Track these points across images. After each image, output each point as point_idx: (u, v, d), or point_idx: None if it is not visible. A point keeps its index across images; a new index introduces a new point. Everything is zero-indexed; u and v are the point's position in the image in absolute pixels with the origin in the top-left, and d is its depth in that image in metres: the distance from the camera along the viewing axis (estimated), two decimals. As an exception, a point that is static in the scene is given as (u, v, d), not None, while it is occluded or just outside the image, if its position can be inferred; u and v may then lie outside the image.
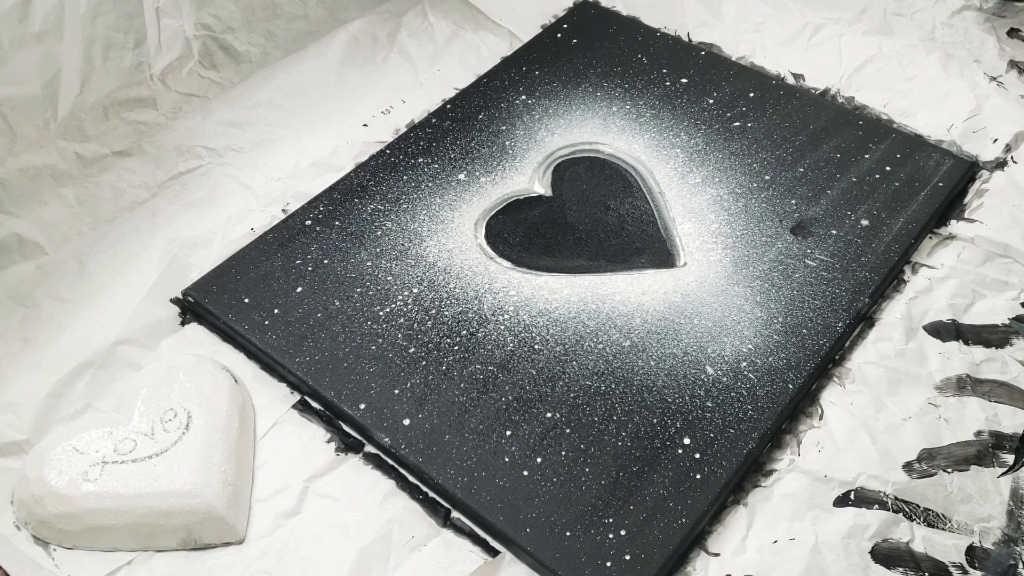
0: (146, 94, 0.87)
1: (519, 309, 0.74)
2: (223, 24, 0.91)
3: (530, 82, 0.93)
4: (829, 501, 0.64)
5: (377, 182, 0.84)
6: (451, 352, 0.71)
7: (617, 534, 0.62)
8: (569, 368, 0.70)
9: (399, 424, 0.67)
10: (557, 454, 0.66)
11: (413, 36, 1.00)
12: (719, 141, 0.87)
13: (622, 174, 0.85)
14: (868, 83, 0.94)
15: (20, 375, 0.70)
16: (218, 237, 0.81)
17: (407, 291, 0.75)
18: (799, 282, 0.76)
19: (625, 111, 0.91)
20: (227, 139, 0.89)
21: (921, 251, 0.79)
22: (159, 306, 0.76)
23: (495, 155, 0.86)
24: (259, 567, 0.62)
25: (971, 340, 0.73)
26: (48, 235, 0.79)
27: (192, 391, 0.66)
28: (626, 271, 0.77)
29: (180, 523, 0.61)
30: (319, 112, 0.92)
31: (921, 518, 0.64)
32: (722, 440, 0.66)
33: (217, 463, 0.63)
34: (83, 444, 0.63)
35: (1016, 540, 0.63)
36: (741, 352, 0.71)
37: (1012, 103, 0.90)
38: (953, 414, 0.69)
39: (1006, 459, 0.66)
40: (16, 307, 0.75)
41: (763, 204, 0.82)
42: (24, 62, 0.77)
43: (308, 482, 0.66)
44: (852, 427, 0.68)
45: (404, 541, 0.63)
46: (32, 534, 0.63)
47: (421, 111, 0.92)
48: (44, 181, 0.80)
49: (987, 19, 1.00)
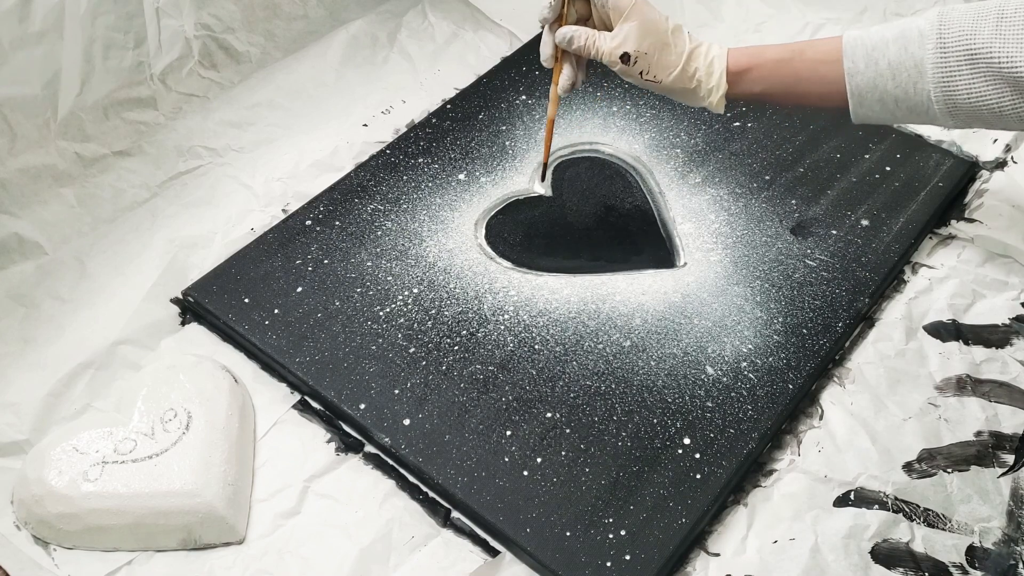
0: (146, 94, 0.87)
1: (519, 309, 0.74)
2: (223, 24, 0.91)
3: (530, 82, 0.93)
4: (829, 501, 0.64)
5: (377, 182, 0.84)
6: (451, 352, 0.71)
7: (617, 534, 0.62)
8: (569, 368, 0.70)
9: (399, 424, 0.67)
10: (557, 454, 0.66)
11: (413, 36, 1.00)
12: (719, 141, 0.87)
13: (622, 174, 0.85)
14: (868, 83, 0.93)
15: (20, 375, 0.70)
16: (218, 237, 0.81)
17: (407, 291, 0.75)
18: (799, 282, 0.76)
19: (625, 111, 0.91)
20: (227, 139, 0.89)
21: (921, 251, 0.79)
22: (159, 306, 0.76)
23: (495, 155, 0.86)
24: (259, 567, 0.62)
25: (971, 340, 0.73)
26: (48, 235, 0.79)
27: (192, 391, 0.66)
28: (626, 271, 0.77)
29: (180, 523, 0.61)
30: (319, 112, 0.92)
31: (921, 518, 0.64)
32: (722, 440, 0.66)
33: (217, 463, 0.63)
34: (83, 444, 0.63)
35: (1016, 540, 0.63)
36: (741, 352, 0.71)
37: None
38: (953, 414, 0.69)
39: (1006, 459, 0.66)
40: (16, 307, 0.74)
41: (763, 204, 0.82)
42: (24, 62, 0.77)
43: (308, 482, 0.66)
44: (852, 427, 0.68)
45: (404, 541, 0.63)
46: (32, 534, 0.63)
47: (421, 111, 0.92)
48: (44, 181, 0.80)
49: (987, 19, 1.00)
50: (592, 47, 0.72)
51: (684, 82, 0.71)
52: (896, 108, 0.67)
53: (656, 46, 0.70)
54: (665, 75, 0.71)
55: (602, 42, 0.71)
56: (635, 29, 0.70)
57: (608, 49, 0.71)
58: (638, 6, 0.70)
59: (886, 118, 0.68)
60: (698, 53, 0.71)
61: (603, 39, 0.71)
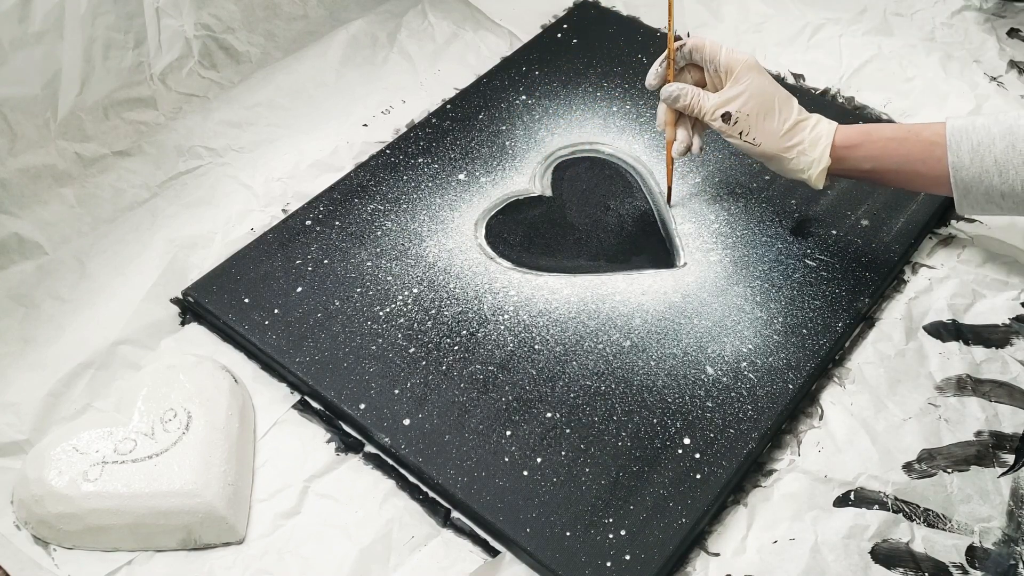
0: (146, 94, 0.87)
1: (519, 309, 0.74)
2: (223, 24, 0.91)
3: (530, 82, 0.94)
4: (829, 501, 0.64)
5: (377, 182, 0.84)
6: (451, 352, 0.71)
7: (617, 534, 0.62)
8: (569, 368, 0.70)
9: (399, 424, 0.67)
10: (557, 454, 0.66)
11: (413, 36, 1.00)
12: (719, 141, 0.87)
13: (622, 174, 0.85)
14: (868, 83, 0.94)
15: (20, 375, 0.70)
16: (218, 237, 0.81)
17: (407, 291, 0.75)
18: (799, 282, 0.76)
19: (625, 111, 0.91)
20: (227, 139, 0.89)
21: (921, 251, 0.79)
22: (159, 306, 0.76)
23: (495, 155, 0.86)
24: (259, 567, 0.62)
25: (971, 340, 0.73)
26: (48, 235, 0.79)
27: (192, 391, 0.66)
28: (626, 271, 0.77)
29: (180, 523, 0.61)
30: (319, 112, 0.92)
31: (921, 518, 0.64)
32: (722, 440, 0.66)
33: (217, 463, 0.63)
34: (83, 444, 0.63)
35: (1016, 540, 0.63)
36: (741, 352, 0.71)
37: (1012, 103, 0.90)
38: (953, 414, 0.69)
39: (1006, 459, 0.66)
40: (16, 307, 0.75)
41: (763, 204, 0.82)
42: (24, 62, 0.77)
43: (308, 482, 0.66)
44: (852, 427, 0.68)
45: (404, 541, 0.63)
46: (32, 534, 0.63)
47: (421, 111, 0.92)
48: (44, 181, 0.80)
49: (987, 19, 1.00)
50: (696, 105, 0.73)
51: (783, 150, 0.72)
52: (1002, 201, 0.68)
53: (760, 110, 0.71)
54: (765, 139, 0.72)
55: (706, 101, 0.73)
56: (741, 91, 0.71)
57: (711, 107, 0.73)
58: (749, 70, 0.72)
59: (991, 210, 0.69)
60: (805, 124, 0.72)
61: (708, 98, 0.73)
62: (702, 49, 0.74)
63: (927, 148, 0.69)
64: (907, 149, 0.70)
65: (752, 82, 0.72)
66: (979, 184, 0.67)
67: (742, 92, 0.71)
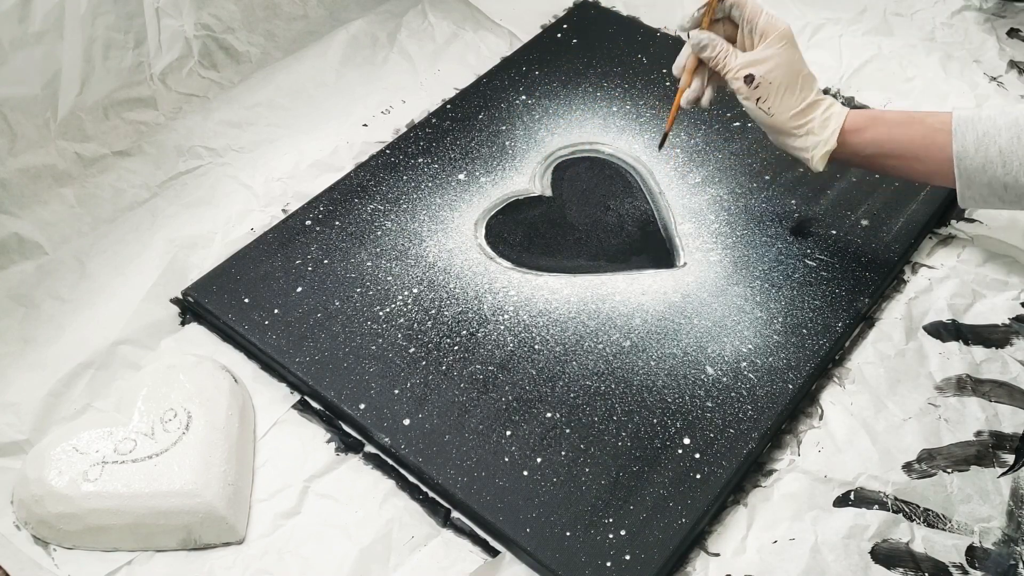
0: (146, 94, 0.87)
1: (519, 309, 0.74)
2: (223, 24, 0.91)
3: (530, 82, 0.94)
4: (829, 501, 0.64)
5: (377, 182, 0.84)
6: (451, 352, 0.71)
7: (617, 534, 0.62)
8: (569, 368, 0.70)
9: (399, 424, 0.67)
10: (557, 454, 0.66)
11: (413, 36, 1.00)
12: (719, 141, 0.87)
13: (622, 174, 0.85)
14: (868, 83, 0.94)
15: (20, 375, 0.70)
16: (218, 237, 0.81)
17: (407, 291, 0.75)
18: (799, 282, 0.76)
19: (625, 111, 0.91)
20: (227, 139, 0.89)
21: (921, 251, 0.79)
22: (159, 306, 0.76)
23: (495, 155, 0.86)
24: (259, 567, 0.62)
25: (971, 340, 0.73)
26: (48, 235, 0.79)
27: (192, 391, 0.66)
28: (626, 271, 0.77)
29: (180, 523, 0.61)
30: (319, 112, 0.92)
31: (921, 518, 0.64)
32: (722, 440, 0.66)
33: (217, 463, 0.63)
34: (83, 444, 0.63)
35: (1016, 540, 0.63)
36: (741, 352, 0.71)
37: (1012, 103, 0.90)
38: (953, 414, 0.69)
39: (1006, 459, 0.66)
40: (16, 307, 0.75)
41: (763, 204, 0.82)
42: (24, 62, 0.77)
43: (308, 482, 0.66)
44: (852, 427, 0.68)
45: (404, 541, 0.63)
46: (32, 534, 0.63)
47: (421, 111, 0.92)
48: (44, 181, 0.80)
49: (987, 19, 1.00)
50: (723, 59, 0.72)
51: (794, 127, 0.72)
52: (1005, 193, 0.67)
53: (784, 81, 0.71)
54: (780, 111, 0.71)
55: (733, 58, 0.72)
56: (770, 56, 0.71)
57: (737, 64, 0.72)
58: (782, 39, 0.71)
59: (993, 203, 0.69)
60: (820, 105, 0.72)
61: (735, 56, 0.72)
62: (743, 6, 0.72)
63: (931, 134, 0.69)
64: (911, 135, 0.70)
65: (783, 51, 0.71)
66: (982, 174, 0.67)
67: (771, 58, 0.71)
